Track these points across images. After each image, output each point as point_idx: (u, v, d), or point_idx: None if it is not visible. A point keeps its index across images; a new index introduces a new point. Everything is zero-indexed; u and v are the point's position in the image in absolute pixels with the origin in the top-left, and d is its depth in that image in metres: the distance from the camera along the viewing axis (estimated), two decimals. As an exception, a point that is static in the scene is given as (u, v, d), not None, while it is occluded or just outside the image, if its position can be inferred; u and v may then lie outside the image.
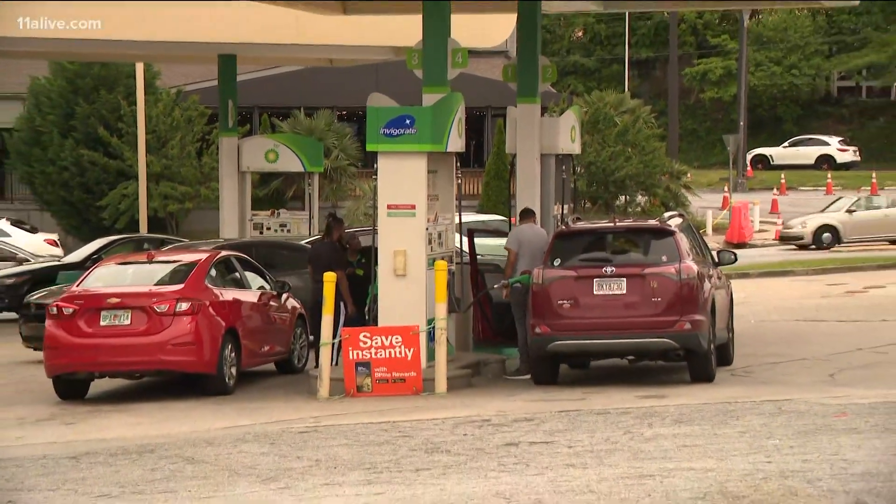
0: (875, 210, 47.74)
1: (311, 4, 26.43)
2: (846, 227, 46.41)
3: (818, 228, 46.26)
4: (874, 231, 46.80)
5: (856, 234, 46.56)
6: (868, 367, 19.65)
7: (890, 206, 47.77)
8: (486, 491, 10.30)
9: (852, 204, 48.00)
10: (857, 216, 47.06)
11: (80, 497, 11.75)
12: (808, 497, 9.16)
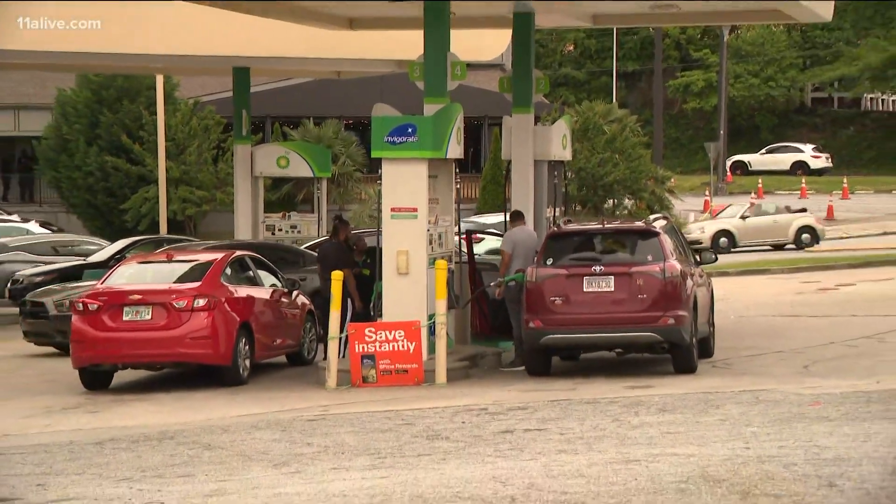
0: (765, 216, 48.21)
1: (320, 20, 26.38)
2: (740, 231, 46.93)
3: (716, 233, 46.77)
4: (765, 235, 47.41)
5: (748, 239, 47.03)
6: (840, 359, 19.64)
7: (777, 212, 48.21)
8: (483, 475, 10.30)
9: (745, 210, 48.46)
10: (749, 222, 47.53)
11: (104, 481, 11.75)
12: (784, 480, 9.16)
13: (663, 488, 9.06)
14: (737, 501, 8.51)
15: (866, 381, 16.64)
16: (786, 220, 47.16)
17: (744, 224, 47.41)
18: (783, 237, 46.86)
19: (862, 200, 62.45)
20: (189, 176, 48.06)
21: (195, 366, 20.02)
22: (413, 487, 9.79)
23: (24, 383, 20.89)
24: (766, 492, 8.78)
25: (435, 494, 9.30)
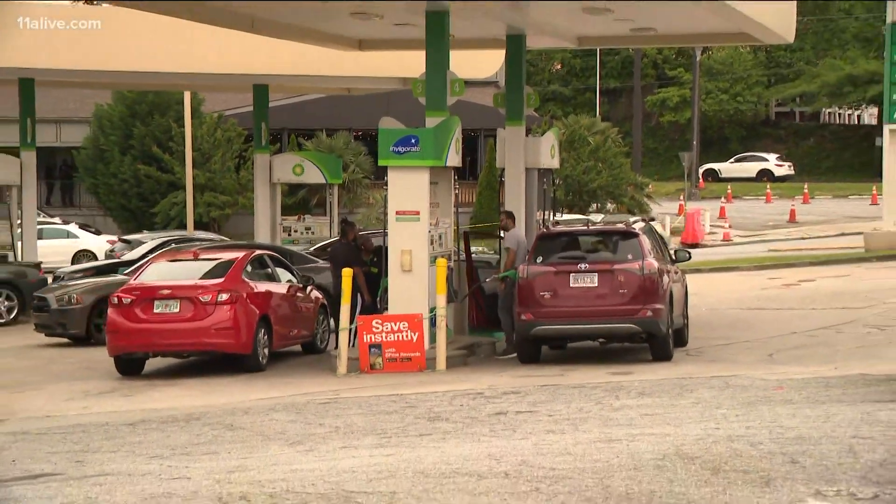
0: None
1: (332, 42, 26.41)
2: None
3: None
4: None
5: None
6: (801, 348, 19.65)
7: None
8: (479, 453, 10.29)
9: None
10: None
11: (136, 458, 11.75)
12: (751, 458, 9.14)
13: (642, 465, 9.05)
14: (709, 477, 8.50)
15: (825, 367, 16.64)
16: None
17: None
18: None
19: (821, 205, 62.43)
20: (213, 182, 48.11)
21: (219, 354, 20.02)
22: (416, 464, 9.78)
23: (64, 370, 20.89)
24: (735, 468, 8.77)
25: (436, 471, 9.29)
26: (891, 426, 10.46)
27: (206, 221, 47.65)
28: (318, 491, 8.60)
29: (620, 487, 8.27)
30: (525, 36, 24.01)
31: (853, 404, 12.59)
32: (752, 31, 23.93)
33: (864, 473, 8.42)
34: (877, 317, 22.51)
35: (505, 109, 23.76)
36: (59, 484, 10.04)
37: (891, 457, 8.96)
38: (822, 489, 7.98)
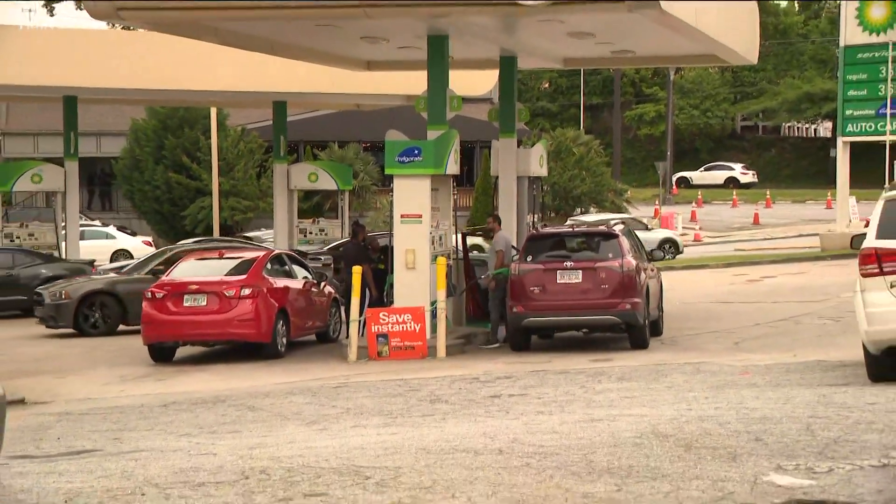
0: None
1: (344, 63, 26.43)
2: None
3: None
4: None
5: None
6: (764, 337, 19.66)
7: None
8: (475, 432, 10.29)
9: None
10: None
11: (168, 436, 11.75)
12: (719, 436, 9.14)
13: (622, 442, 9.05)
14: (682, 453, 8.50)
15: (785, 354, 16.65)
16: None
17: None
18: None
19: (782, 209, 62.51)
20: (237, 189, 48.11)
21: (242, 343, 20.04)
22: (419, 441, 9.78)
23: (104, 357, 20.90)
24: (706, 445, 8.77)
25: (437, 447, 9.29)
26: (844, 407, 10.46)
27: (230, 224, 47.65)
28: (330, 466, 8.60)
29: (602, 462, 8.27)
30: (516, 57, 24.02)
31: (811, 388, 12.59)
32: (720, 53, 23.95)
33: (821, 450, 8.42)
34: (832, 309, 22.52)
35: (498, 123, 23.78)
36: (99, 459, 10.05)
37: (844, 435, 8.96)
38: (783, 464, 7.98)
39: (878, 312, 12.44)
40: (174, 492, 7.89)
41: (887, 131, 36.39)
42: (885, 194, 13.26)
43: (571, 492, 7.40)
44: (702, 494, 7.21)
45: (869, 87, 36.81)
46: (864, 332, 12.65)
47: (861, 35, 36.65)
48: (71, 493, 7.99)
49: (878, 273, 12.51)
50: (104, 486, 8.23)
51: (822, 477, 7.56)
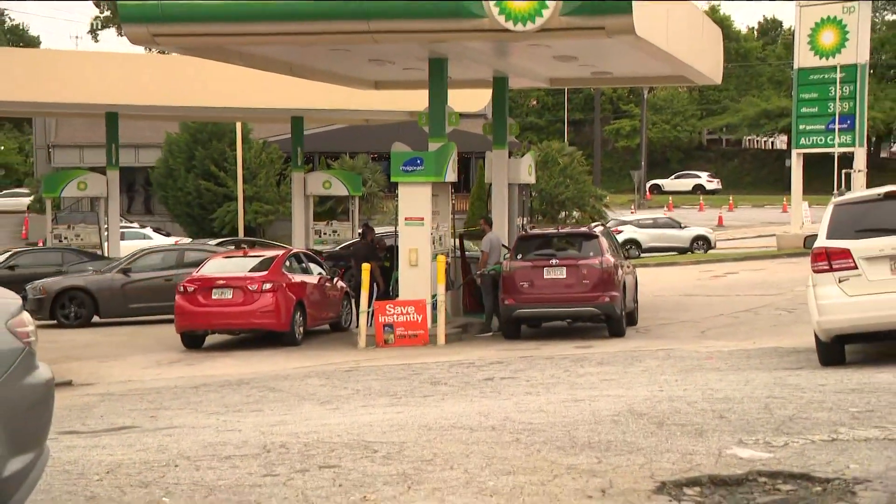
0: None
1: (354, 83, 26.43)
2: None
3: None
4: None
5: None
6: (727, 326, 19.67)
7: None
8: (471, 410, 10.28)
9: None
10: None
11: (198, 414, 11.74)
12: (688, 414, 9.13)
13: (601, 420, 9.05)
14: (654, 429, 8.49)
15: (746, 342, 16.66)
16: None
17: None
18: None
19: (743, 212, 62.55)
20: (259, 195, 48.10)
21: (263, 331, 20.06)
22: (421, 419, 9.77)
23: (142, 345, 20.92)
24: (676, 422, 8.77)
25: (437, 424, 9.29)
26: (798, 389, 10.46)
27: (254, 226, 47.66)
28: (342, 441, 8.60)
29: (584, 438, 8.26)
30: (508, 78, 24.02)
31: (768, 371, 12.59)
32: (688, 74, 23.96)
33: (777, 426, 8.42)
34: (787, 302, 22.54)
35: (492, 137, 23.78)
36: (138, 434, 10.04)
37: (798, 413, 8.96)
38: (744, 438, 7.98)
39: (828, 304, 12.47)
40: (203, 463, 7.88)
41: (836, 144, 36.72)
42: (833, 200, 13.34)
43: (556, 464, 7.40)
44: (672, 466, 7.21)
45: (820, 105, 37.05)
46: (816, 322, 12.66)
47: (813, 59, 36.94)
48: (112, 464, 7.98)
49: (828, 270, 12.53)
50: (142, 458, 8.23)
51: (778, 450, 7.56)
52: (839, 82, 36.49)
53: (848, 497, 6.34)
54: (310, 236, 32.92)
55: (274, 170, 49.56)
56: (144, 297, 24.52)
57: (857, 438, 7.85)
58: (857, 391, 10.05)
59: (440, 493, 6.71)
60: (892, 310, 12.23)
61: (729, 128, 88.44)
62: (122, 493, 6.95)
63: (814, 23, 36.93)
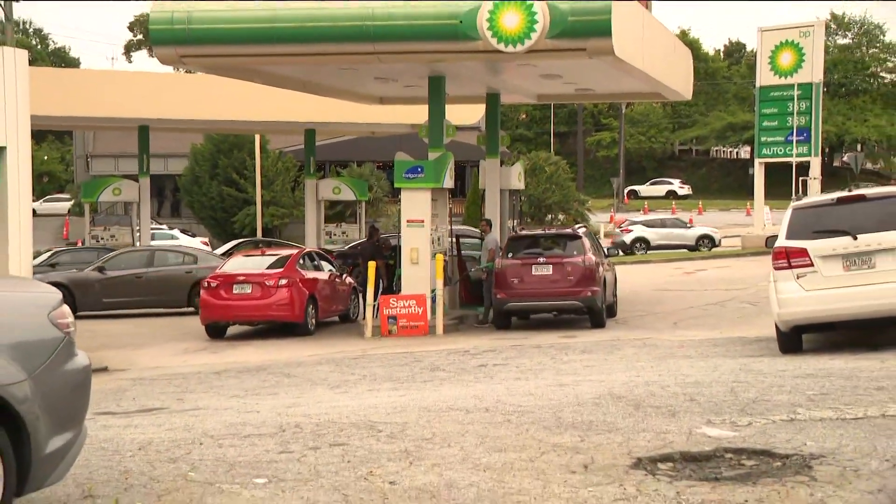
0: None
1: (362, 99, 26.44)
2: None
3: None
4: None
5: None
6: (697, 318, 19.68)
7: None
8: (466, 394, 10.28)
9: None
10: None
11: (220, 397, 11.74)
12: (662, 396, 9.12)
13: (584, 402, 9.04)
14: (632, 411, 8.49)
15: (714, 332, 16.67)
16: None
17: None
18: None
19: (711, 215, 62.49)
20: (276, 199, 48.01)
21: (279, 323, 20.03)
22: (420, 402, 9.77)
23: (169, 335, 20.91)
24: (651, 404, 8.76)
25: (435, 406, 9.28)
26: (760, 374, 10.46)
27: (271, 228, 47.60)
28: (350, 421, 8.59)
29: (568, 418, 8.26)
30: (500, 94, 24.03)
31: (734, 358, 12.60)
32: (662, 91, 23.98)
33: (742, 407, 8.42)
34: (750, 296, 22.55)
35: (485, 147, 23.78)
36: (166, 415, 10.03)
37: (760, 396, 8.96)
38: (712, 419, 7.97)
39: (788, 298, 12.49)
40: (225, 441, 7.88)
41: (794, 154, 37.00)
42: (792, 204, 13.35)
43: (544, 442, 7.39)
44: (648, 444, 7.20)
45: (779, 119, 37.25)
46: (777, 314, 12.68)
47: (773, 78, 37.16)
48: (143, 442, 7.98)
49: (788, 267, 12.54)
50: (170, 437, 8.22)
51: (743, 429, 7.56)
52: (796, 99, 36.65)
53: (805, 471, 6.33)
54: (321, 237, 32.91)
55: (289, 177, 49.49)
56: (117, 292, 24.39)
57: (813, 419, 7.85)
58: (812, 376, 10.06)
59: (439, 468, 6.70)
60: (844, 303, 12.26)
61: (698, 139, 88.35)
62: (153, 468, 6.95)
63: (774, 45, 37.11)
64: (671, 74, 22.70)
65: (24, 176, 14.33)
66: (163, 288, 24.35)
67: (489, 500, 5.93)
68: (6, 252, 14.33)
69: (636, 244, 42.46)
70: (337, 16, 17.62)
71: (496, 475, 6.46)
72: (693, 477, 6.34)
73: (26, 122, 14.25)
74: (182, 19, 18.00)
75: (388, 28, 17.44)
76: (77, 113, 32.31)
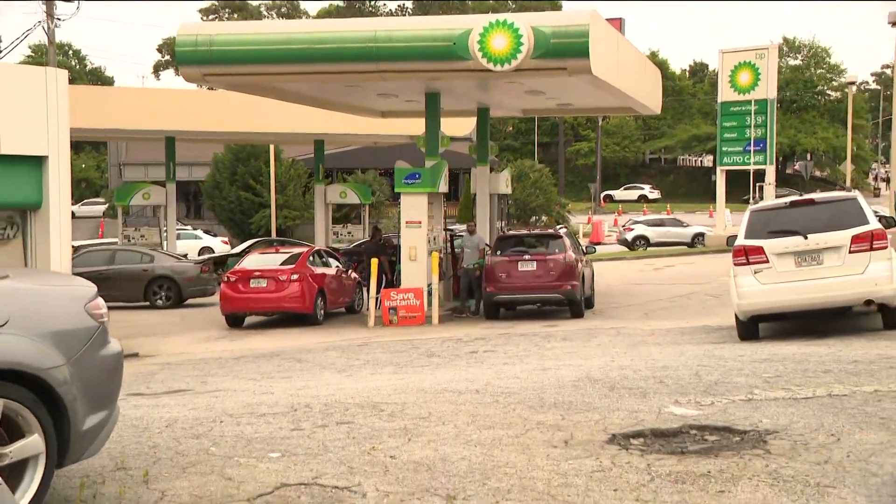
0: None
1: (365, 113, 26.42)
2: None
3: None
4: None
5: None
6: (665, 309, 19.69)
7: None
8: (459, 377, 10.28)
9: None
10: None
11: (238, 379, 11.72)
12: (634, 379, 9.14)
13: (564, 384, 9.05)
14: (607, 392, 8.50)
15: (681, 321, 16.69)
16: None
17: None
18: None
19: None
20: (288, 203, 47.97)
21: (291, 314, 20.01)
22: (418, 384, 9.77)
23: (193, 325, 20.89)
24: (624, 386, 8.78)
25: (432, 388, 9.29)
26: (722, 359, 10.48)
27: (284, 228, 47.53)
28: (355, 402, 8.59)
29: (551, 399, 8.27)
30: (489, 108, 24.03)
31: (698, 345, 12.61)
32: (634, 105, 23.99)
33: (705, 389, 8.43)
34: (713, 289, 22.57)
35: (476, 156, 23.77)
36: (190, 396, 10.02)
37: (722, 378, 8.98)
38: (679, 399, 7.99)
39: (746, 291, 12.52)
40: (243, 419, 7.87)
41: (751, 163, 37.06)
42: (750, 207, 13.40)
43: (528, 420, 7.40)
44: (622, 421, 7.21)
45: (738, 132, 37.37)
46: (736, 304, 12.70)
47: (733, 94, 37.34)
48: (170, 420, 7.97)
49: (746, 263, 12.58)
50: (194, 415, 8.22)
51: (706, 408, 7.57)
52: (753, 113, 36.77)
53: (760, 445, 6.35)
54: (329, 236, 32.87)
55: (300, 183, 49.45)
56: None
57: (768, 398, 7.87)
58: (768, 360, 10.08)
59: (434, 443, 6.71)
60: (795, 295, 12.32)
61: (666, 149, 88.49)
62: (178, 443, 6.94)
63: (733, 66, 37.23)
64: (642, 91, 22.73)
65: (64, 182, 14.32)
66: (122, 284, 24.33)
67: (479, 472, 5.93)
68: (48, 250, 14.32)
69: (637, 241, 42.50)
70: (344, 38, 17.62)
71: (486, 450, 6.47)
72: (662, 451, 6.35)
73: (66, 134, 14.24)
74: (205, 42, 17.99)
75: (389, 49, 17.43)
76: (111, 126, 32.23)
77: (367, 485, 5.71)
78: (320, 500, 5.46)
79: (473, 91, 21.39)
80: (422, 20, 18.84)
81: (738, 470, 5.80)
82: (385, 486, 5.67)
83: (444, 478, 5.81)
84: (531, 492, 5.50)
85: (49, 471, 5.14)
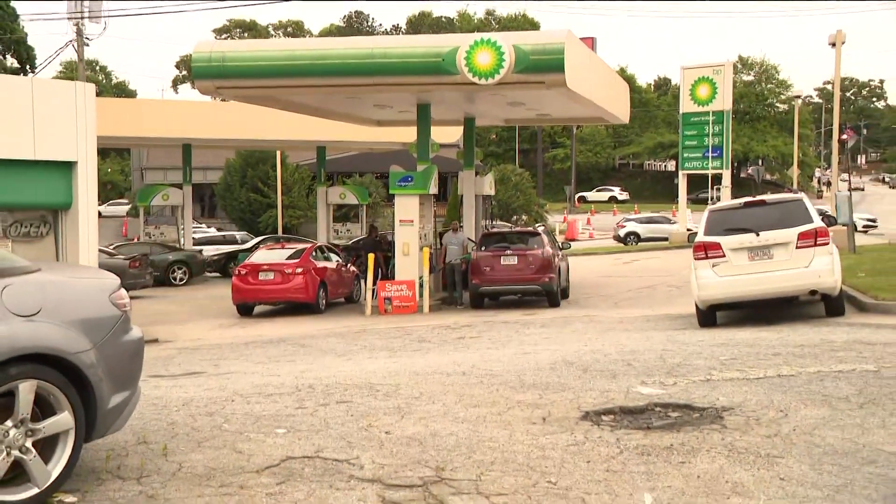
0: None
1: (362, 122, 26.37)
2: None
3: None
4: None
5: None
6: (633, 299, 19.73)
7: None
8: (448, 361, 10.29)
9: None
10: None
11: (248, 362, 11.70)
12: (605, 362, 9.17)
13: (542, 367, 9.07)
14: (581, 374, 8.52)
15: (647, 310, 16.72)
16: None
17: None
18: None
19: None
20: (293, 203, 47.80)
21: (296, 304, 19.97)
22: (411, 367, 9.77)
23: (208, 313, 20.82)
24: (596, 368, 8.80)
25: (423, 371, 9.29)
26: (683, 344, 10.51)
27: (289, 227, 47.41)
28: (353, 383, 8.59)
29: (530, 380, 8.28)
30: (475, 118, 24.02)
31: (663, 331, 12.65)
32: (605, 116, 24.01)
33: (669, 371, 8.46)
34: (676, 281, 22.62)
35: (462, 161, 23.75)
36: (205, 378, 10.00)
37: (683, 361, 9.01)
38: (645, 380, 8.01)
39: (705, 282, 12.59)
40: (252, 399, 7.87)
41: (709, 167, 37.24)
42: (708, 207, 13.47)
43: (509, 399, 7.42)
44: (594, 400, 7.23)
45: (698, 139, 37.59)
46: (696, 295, 12.76)
47: (693, 106, 37.58)
48: (186, 399, 7.96)
49: (705, 257, 12.63)
50: (208, 395, 8.20)
51: (669, 388, 7.60)
52: (711, 123, 36.99)
53: (717, 420, 6.38)
54: (330, 234, 32.81)
55: (304, 185, 49.27)
56: None
57: (725, 379, 7.90)
58: (724, 345, 10.12)
59: (425, 420, 6.72)
60: (749, 286, 12.40)
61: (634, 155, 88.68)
62: (194, 420, 6.94)
63: (693, 80, 37.42)
64: (612, 102, 22.75)
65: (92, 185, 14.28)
66: None
67: (466, 446, 5.95)
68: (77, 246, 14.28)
69: (629, 237, 42.57)
70: (344, 55, 17.60)
71: (471, 426, 6.48)
72: (630, 426, 6.38)
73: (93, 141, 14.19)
74: (219, 58, 17.94)
75: (385, 65, 17.41)
76: (134, 134, 32.09)
77: (364, 458, 5.72)
78: (322, 471, 5.47)
79: (460, 102, 21.39)
80: (414, 39, 18.83)
81: (697, 443, 5.83)
82: (381, 459, 5.68)
83: (434, 451, 5.82)
84: (512, 464, 5.51)
85: (78, 444, 5.15)
